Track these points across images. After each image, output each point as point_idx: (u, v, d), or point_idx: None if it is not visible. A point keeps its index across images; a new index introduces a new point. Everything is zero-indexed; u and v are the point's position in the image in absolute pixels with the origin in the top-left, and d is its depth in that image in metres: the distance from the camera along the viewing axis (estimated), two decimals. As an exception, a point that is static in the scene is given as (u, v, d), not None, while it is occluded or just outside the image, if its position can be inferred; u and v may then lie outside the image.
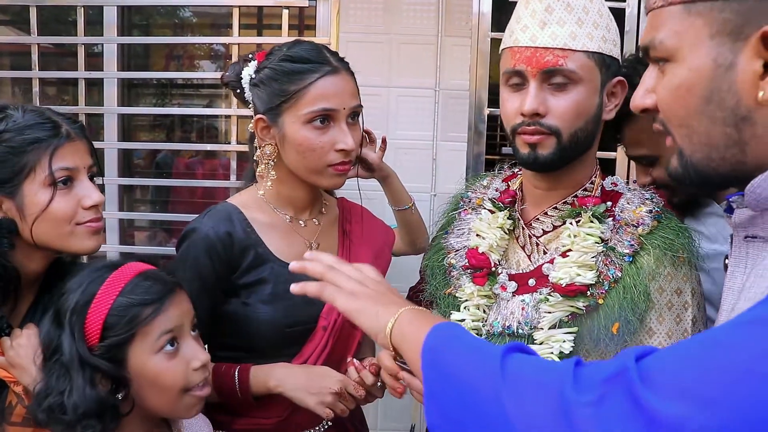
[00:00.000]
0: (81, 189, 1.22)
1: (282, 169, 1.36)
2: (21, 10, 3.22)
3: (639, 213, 1.15)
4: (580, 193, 1.19)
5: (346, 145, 1.30)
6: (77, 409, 1.01)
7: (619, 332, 1.08)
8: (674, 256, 1.12)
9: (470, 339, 0.84)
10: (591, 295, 1.11)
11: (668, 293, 1.11)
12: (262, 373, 1.30)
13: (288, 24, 2.48)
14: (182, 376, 1.11)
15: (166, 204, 3.37)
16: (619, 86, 1.18)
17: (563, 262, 1.13)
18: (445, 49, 2.42)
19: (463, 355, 0.80)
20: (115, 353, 1.06)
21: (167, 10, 3.63)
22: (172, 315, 1.11)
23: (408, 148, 2.47)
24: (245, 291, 1.33)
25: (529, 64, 1.11)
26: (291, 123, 1.30)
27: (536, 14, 1.12)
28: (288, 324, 1.33)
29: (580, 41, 1.10)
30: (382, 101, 2.47)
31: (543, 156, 1.13)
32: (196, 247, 1.30)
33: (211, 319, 1.30)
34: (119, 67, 2.64)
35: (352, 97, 1.33)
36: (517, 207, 1.26)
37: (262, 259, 1.33)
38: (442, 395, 0.79)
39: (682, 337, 1.10)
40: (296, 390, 1.28)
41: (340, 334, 1.36)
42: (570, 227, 1.16)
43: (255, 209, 1.37)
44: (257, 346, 1.34)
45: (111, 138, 2.65)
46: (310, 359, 1.35)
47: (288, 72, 1.30)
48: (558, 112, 1.11)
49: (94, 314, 1.06)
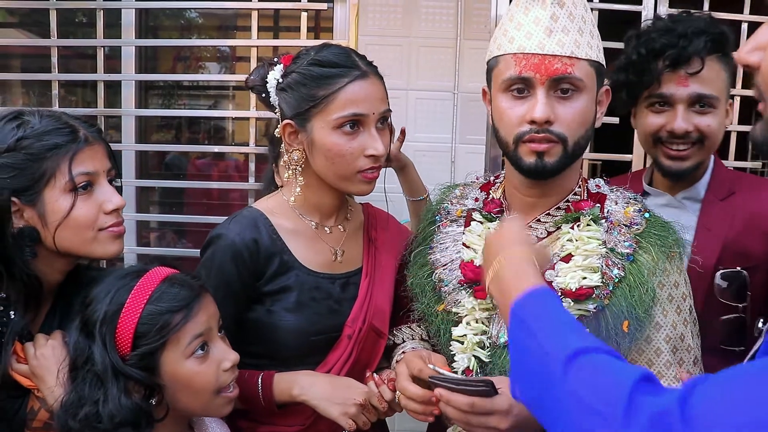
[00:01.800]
0: (101, 193, 1.21)
1: (310, 175, 1.34)
2: (32, 12, 3.22)
3: (629, 213, 1.18)
4: (572, 197, 1.20)
5: (376, 151, 1.28)
6: (113, 418, 1.02)
7: (629, 329, 1.10)
8: (668, 251, 1.15)
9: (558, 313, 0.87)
10: (597, 297, 1.11)
11: (668, 287, 1.14)
12: (286, 381, 1.29)
13: (306, 27, 2.49)
14: (214, 378, 1.13)
15: (181, 206, 3.38)
16: (605, 94, 1.21)
17: (567, 267, 1.14)
18: (464, 52, 2.44)
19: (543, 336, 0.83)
20: (147, 361, 1.07)
21: (175, 12, 3.64)
22: (201, 319, 1.12)
23: (427, 150, 2.49)
24: (270, 298, 1.31)
25: (538, 71, 1.11)
26: (320, 128, 1.28)
27: (540, 22, 1.12)
28: (313, 332, 1.32)
29: (583, 50, 1.12)
30: (401, 104, 2.48)
31: (550, 164, 1.13)
32: (222, 254, 1.28)
33: (236, 326, 1.29)
34: (137, 69, 2.64)
35: (381, 102, 1.31)
36: (506, 216, 1.25)
37: (287, 266, 1.32)
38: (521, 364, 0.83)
39: (684, 326, 1.14)
40: (320, 399, 1.26)
41: (364, 343, 1.35)
42: (570, 232, 1.17)
43: (280, 215, 1.35)
44: (281, 354, 1.33)
45: (128, 140, 2.65)
46: (334, 368, 1.34)
47: (317, 76, 1.27)
48: (565, 120, 1.11)
49: (124, 324, 1.07)
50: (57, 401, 1.07)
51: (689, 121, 1.48)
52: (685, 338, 1.14)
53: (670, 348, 1.13)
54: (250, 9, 2.50)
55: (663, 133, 1.50)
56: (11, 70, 3.31)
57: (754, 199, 1.53)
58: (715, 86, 1.49)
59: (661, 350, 1.12)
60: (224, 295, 1.24)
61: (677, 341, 1.13)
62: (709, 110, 1.49)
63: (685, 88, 1.47)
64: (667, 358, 1.12)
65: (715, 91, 1.49)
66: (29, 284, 1.17)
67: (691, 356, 1.14)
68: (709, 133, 1.49)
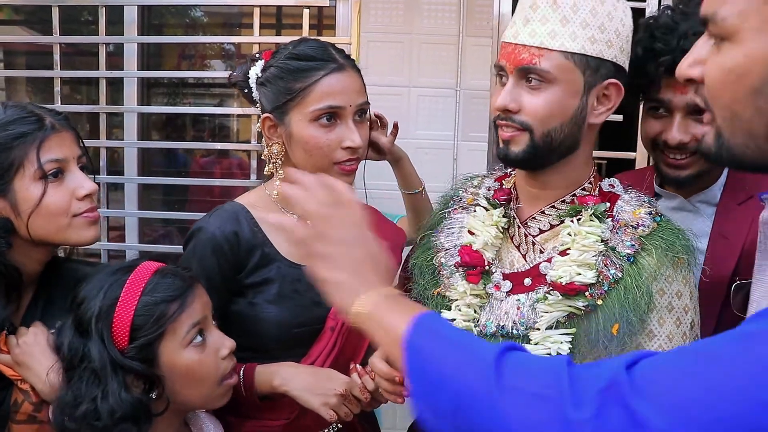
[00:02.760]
0: (73, 180, 1.20)
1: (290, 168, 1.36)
2: (37, 10, 3.23)
3: (638, 214, 1.13)
4: (579, 192, 1.17)
5: (353, 143, 1.29)
6: (114, 413, 1.02)
7: (619, 333, 1.06)
8: (675, 257, 1.10)
9: (457, 335, 0.80)
10: (590, 296, 1.09)
11: (669, 295, 1.09)
12: (267, 372, 1.30)
13: (308, 24, 2.48)
14: (214, 365, 1.13)
15: (184, 203, 3.38)
16: (613, 89, 1.13)
17: (563, 261, 1.11)
18: (466, 49, 2.43)
19: (453, 356, 0.76)
20: (146, 353, 1.07)
21: (179, 9, 3.64)
22: (197, 308, 1.12)
23: (429, 147, 2.48)
24: (252, 291, 1.32)
25: (508, 60, 1.11)
26: (297, 121, 1.30)
27: (523, 11, 1.11)
28: (295, 324, 1.32)
29: (558, 40, 1.07)
30: (403, 101, 2.48)
31: (514, 153, 1.12)
32: (202, 247, 1.30)
33: (218, 319, 1.28)
34: (139, 66, 2.64)
35: (358, 94, 1.32)
36: (512, 205, 1.24)
37: (268, 258, 1.33)
38: (431, 395, 0.75)
39: (681, 340, 1.09)
40: (301, 390, 1.27)
41: (348, 335, 1.35)
42: (570, 225, 1.14)
43: (262, 209, 1.36)
44: (265, 347, 1.33)
45: (131, 137, 2.66)
46: (317, 360, 1.34)
47: (294, 70, 1.30)
48: (530, 111, 1.09)
49: (120, 317, 1.06)
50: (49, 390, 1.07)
51: (687, 131, 1.34)
52: None
53: None
54: (252, 6, 2.50)
55: (660, 140, 1.39)
56: (16, 67, 3.33)
57: None
58: None
59: None
60: (206, 287, 1.24)
61: None
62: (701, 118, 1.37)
63: (683, 96, 1.32)
64: None
65: None
66: (8, 275, 1.17)
67: None
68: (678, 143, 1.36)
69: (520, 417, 0.68)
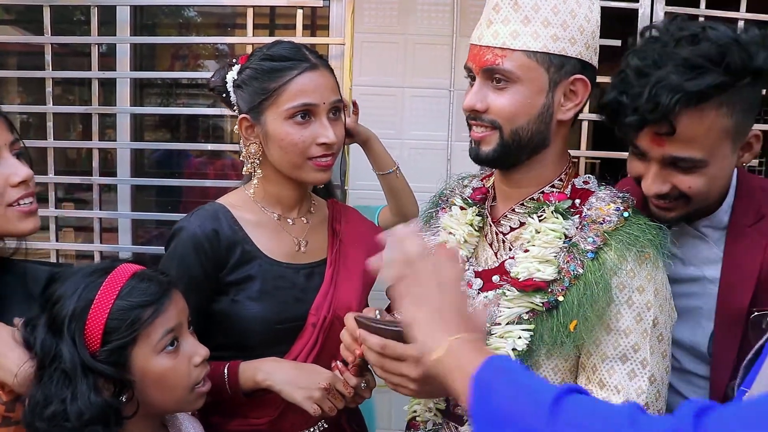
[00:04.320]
0: (6, 167, 1.17)
1: (268, 167, 1.39)
2: (25, 9, 3.21)
3: (606, 210, 1.13)
4: (547, 189, 1.18)
5: (327, 139, 1.32)
6: (82, 416, 1.00)
7: (576, 330, 1.06)
8: (639, 252, 1.08)
9: (524, 375, 0.80)
10: (551, 292, 1.09)
11: (629, 290, 1.07)
12: (251, 368, 1.31)
13: (302, 24, 2.48)
14: (186, 372, 1.12)
15: (177, 204, 3.37)
16: (580, 85, 1.12)
17: (524, 257, 1.12)
18: (460, 50, 2.42)
19: (514, 393, 0.76)
20: (117, 357, 1.05)
21: (173, 10, 3.63)
22: (172, 314, 1.11)
23: (422, 148, 2.48)
24: (233, 288, 1.33)
25: (474, 61, 1.13)
26: (273, 120, 1.33)
27: (487, 12, 1.12)
28: (277, 321, 1.33)
29: (521, 40, 1.08)
30: (397, 101, 2.48)
31: (484, 152, 1.14)
32: (183, 245, 1.31)
33: (200, 317, 1.30)
34: (132, 66, 2.63)
35: (331, 92, 1.35)
36: (487, 204, 1.26)
37: (249, 255, 1.34)
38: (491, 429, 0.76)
39: (641, 337, 1.06)
40: (284, 384, 1.28)
41: (330, 332, 1.36)
42: (532, 222, 1.15)
43: (243, 208, 1.39)
44: (247, 344, 1.34)
45: (123, 138, 2.65)
46: (300, 356, 1.35)
47: (268, 70, 1.33)
48: (497, 110, 1.11)
49: (93, 320, 1.05)
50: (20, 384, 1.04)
51: (664, 181, 1.19)
52: (640, 350, 1.06)
53: (617, 354, 1.06)
54: (245, 6, 2.49)
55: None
56: (7, 67, 3.30)
57: None
58: (700, 145, 1.13)
59: (607, 355, 1.06)
60: (187, 286, 1.25)
61: (628, 350, 1.06)
62: (692, 170, 1.17)
63: (660, 148, 1.15)
64: (612, 365, 1.06)
65: (700, 150, 1.14)
66: None
67: (646, 372, 1.05)
68: (692, 194, 1.19)
69: None
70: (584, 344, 1.07)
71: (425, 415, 1.24)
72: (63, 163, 3.73)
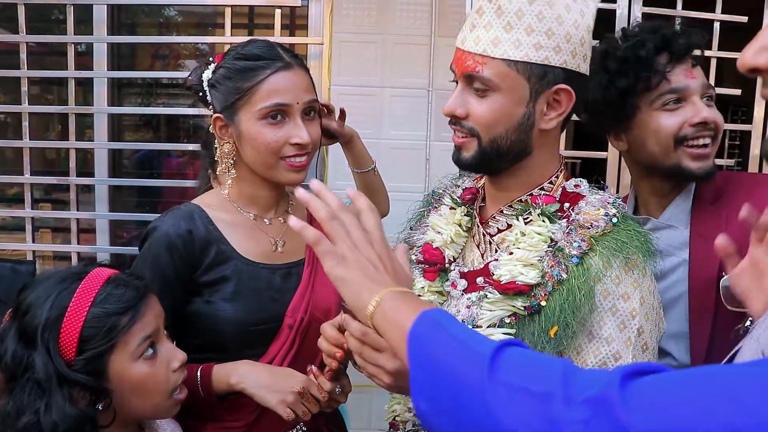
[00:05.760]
0: None
1: (242, 168, 1.38)
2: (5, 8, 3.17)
3: (594, 215, 1.10)
4: (536, 191, 1.15)
5: (300, 139, 1.31)
6: (56, 427, 0.98)
7: (556, 336, 1.03)
8: (626, 258, 1.05)
9: (459, 330, 0.79)
10: (534, 296, 1.06)
11: (614, 297, 1.04)
12: (224, 371, 1.29)
13: (280, 24, 2.47)
14: (164, 378, 1.11)
15: (156, 204, 3.34)
16: (564, 95, 1.08)
17: (508, 260, 1.10)
18: (439, 49, 2.43)
19: (452, 348, 0.75)
20: (94, 365, 1.03)
21: (153, 9, 3.60)
22: (149, 319, 1.10)
23: (401, 148, 2.48)
24: (208, 289, 1.32)
25: (456, 66, 1.11)
26: (246, 120, 1.32)
27: (471, 15, 1.10)
28: (252, 322, 1.32)
29: (501, 48, 1.04)
30: (376, 101, 2.47)
31: (465, 158, 1.12)
32: (156, 245, 1.30)
33: (173, 318, 1.28)
34: (109, 66, 2.60)
35: (306, 91, 1.34)
36: (476, 204, 1.24)
37: (224, 256, 1.33)
38: (429, 386, 0.75)
39: (624, 346, 1.03)
40: (258, 387, 1.27)
41: (307, 333, 1.36)
42: (518, 225, 1.13)
43: (218, 209, 1.38)
44: (222, 346, 1.33)
45: (101, 138, 2.62)
46: (276, 359, 1.34)
47: (241, 69, 1.32)
48: (476, 117, 1.08)
49: (68, 328, 1.03)
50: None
51: (709, 111, 1.39)
52: (621, 359, 1.02)
53: (597, 363, 1.02)
54: (223, 6, 2.48)
55: (687, 129, 1.37)
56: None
57: (747, 195, 1.38)
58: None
59: (587, 363, 1.03)
60: (161, 286, 1.24)
61: (609, 359, 1.03)
62: (712, 103, 1.42)
63: (696, 79, 1.39)
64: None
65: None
66: None
67: None
68: (720, 126, 1.40)
69: (509, 410, 0.67)
70: (566, 351, 1.05)
71: (405, 415, 1.23)
72: (42, 164, 3.69)
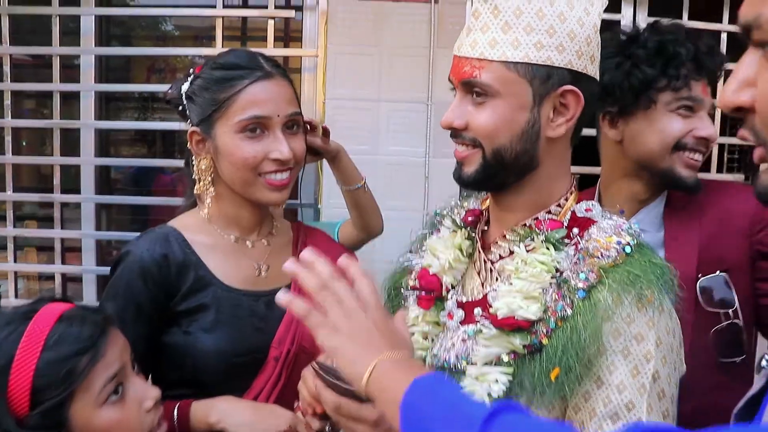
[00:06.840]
0: None
1: (222, 185, 1.29)
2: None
3: (605, 243, 0.99)
4: (542, 215, 1.04)
5: (280, 154, 1.22)
6: None
7: (557, 380, 0.92)
8: (639, 294, 0.94)
9: (453, 395, 0.76)
10: (534, 333, 0.95)
11: (625, 338, 0.92)
12: (203, 408, 1.21)
13: (273, 36, 2.39)
14: (137, 421, 1.01)
15: (146, 222, 3.25)
16: (571, 97, 0.99)
17: (506, 291, 0.99)
18: (438, 61, 2.33)
19: (445, 415, 0.73)
20: (53, 418, 0.92)
21: (146, 21, 3.54)
22: (112, 357, 0.98)
23: (399, 164, 2.38)
24: (186, 319, 1.24)
25: (453, 74, 1.03)
26: (223, 133, 1.23)
27: (468, 20, 1.02)
28: (234, 353, 1.23)
29: (499, 50, 0.96)
30: (372, 115, 2.38)
31: (467, 174, 1.03)
32: (129, 271, 1.22)
33: (148, 350, 1.21)
34: (96, 79, 2.52)
35: (288, 103, 1.25)
36: (479, 228, 1.13)
37: (203, 282, 1.25)
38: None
39: (638, 393, 0.91)
40: (240, 426, 1.18)
41: (294, 365, 1.26)
42: (519, 252, 1.02)
43: (196, 231, 1.29)
44: (202, 380, 1.24)
45: (87, 153, 2.53)
46: (262, 394, 1.25)
47: (218, 79, 1.24)
48: (475, 126, 1.00)
49: (17, 380, 0.91)
50: None
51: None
52: (635, 409, 0.90)
53: (607, 412, 0.90)
54: (214, 17, 2.41)
55: (689, 138, 1.41)
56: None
57: (719, 199, 1.46)
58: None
59: (596, 413, 0.91)
60: (134, 315, 1.17)
61: (621, 409, 0.90)
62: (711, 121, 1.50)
63: (707, 97, 1.44)
64: (601, 424, 0.90)
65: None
66: None
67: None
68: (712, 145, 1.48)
69: None
70: (573, 397, 0.93)
71: None
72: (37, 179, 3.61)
